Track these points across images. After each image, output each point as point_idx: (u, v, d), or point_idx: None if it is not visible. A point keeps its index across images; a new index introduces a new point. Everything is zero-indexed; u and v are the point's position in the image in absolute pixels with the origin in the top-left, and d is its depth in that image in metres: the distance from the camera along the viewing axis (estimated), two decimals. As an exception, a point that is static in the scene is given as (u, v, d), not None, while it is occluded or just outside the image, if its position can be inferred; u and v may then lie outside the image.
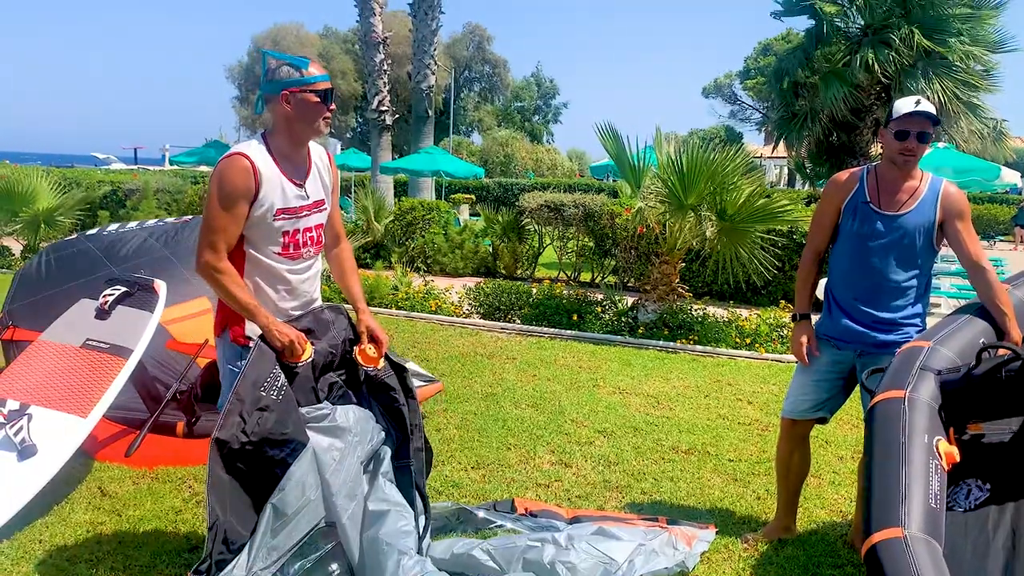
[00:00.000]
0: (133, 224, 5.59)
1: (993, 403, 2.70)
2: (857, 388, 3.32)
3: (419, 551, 2.85)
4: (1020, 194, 26.92)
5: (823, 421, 3.45)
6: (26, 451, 3.49)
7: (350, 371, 3.00)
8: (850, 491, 4.04)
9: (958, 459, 2.52)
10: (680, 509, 3.85)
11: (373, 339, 2.99)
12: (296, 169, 2.82)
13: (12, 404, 3.71)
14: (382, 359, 2.99)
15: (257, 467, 2.58)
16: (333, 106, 2.83)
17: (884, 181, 3.17)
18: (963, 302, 11.57)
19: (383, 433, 2.98)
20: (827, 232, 3.35)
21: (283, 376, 2.68)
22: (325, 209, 2.96)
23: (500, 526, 3.47)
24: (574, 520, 3.54)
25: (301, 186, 2.82)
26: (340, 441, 2.77)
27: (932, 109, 3.04)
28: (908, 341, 3.04)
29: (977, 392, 2.66)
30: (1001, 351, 2.70)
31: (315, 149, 2.93)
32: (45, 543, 3.27)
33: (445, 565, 2.99)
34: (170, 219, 5.86)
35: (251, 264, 2.79)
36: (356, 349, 2.97)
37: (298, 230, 2.83)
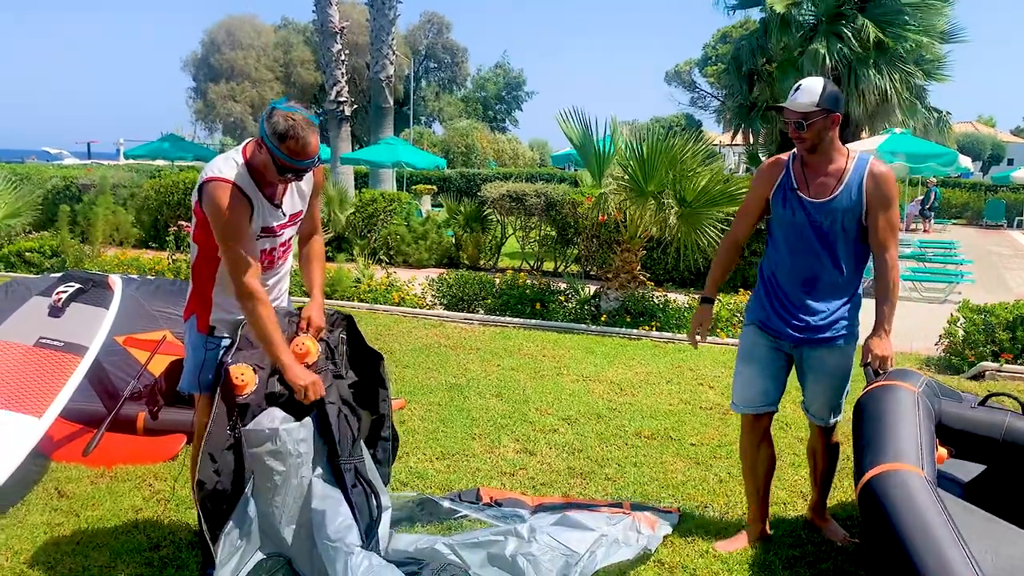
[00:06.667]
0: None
1: (964, 441, 2.92)
2: (793, 376, 3.33)
3: (375, 541, 2.87)
4: (970, 177, 27.50)
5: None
6: (-21, 453, 3.41)
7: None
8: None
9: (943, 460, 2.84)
10: (644, 493, 3.89)
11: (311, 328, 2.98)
12: (273, 187, 2.83)
13: (-37, 405, 3.62)
14: (314, 353, 2.94)
15: (218, 503, 2.70)
16: (294, 179, 2.79)
17: (808, 166, 3.12)
18: (918, 284, 11.73)
19: (326, 445, 2.94)
20: (751, 219, 3.33)
21: (236, 415, 2.77)
22: (299, 221, 3.01)
23: (465, 516, 3.48)
24: (539, 508, 3.56)
25: (278, 206, 2.86)
26: (282, 464, 2.80)
27: (806, 97, 2.98)
28: (839, 335, 3.12)
29: (962, 424, 3.00)
30: (1005, 401, 2.97)
31: None
32: (1, 546, 3.20)
33: (407, 558, 3.00)
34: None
35: (224, 272, 2.83)
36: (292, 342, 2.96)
37: (274, 247, 2.92)
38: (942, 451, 2.84)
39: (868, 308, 3.15)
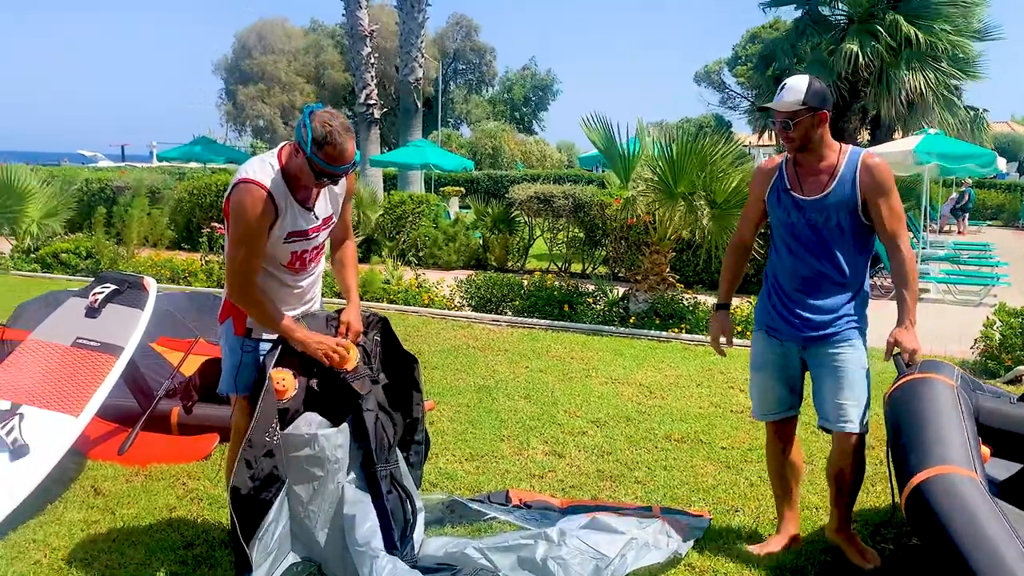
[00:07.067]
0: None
1: (1004, 439, 2.83)
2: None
3: (410, 545, 2.89)
4: (1005, 179, 26.94)
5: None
6: (18, 451, 3.48)
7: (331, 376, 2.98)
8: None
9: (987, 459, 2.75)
10: (674, 497, 3.87)
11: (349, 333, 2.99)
12: (307, 191, 2.84)
13: (3, 404, 3.69)
14: (354, 359, 2.94)
15: (252, 508, 2.70)
16: (329, 183, 2.80)
17: (800, 165, 3.10)
18: (953, 287, 11.51)
19: (360, 449, 2.96)
20: (752, 222, 3.32)
21: (278, 418, 2.78)
22: (332, 224, 3.01)
23: (494, 518, 3.48)
24: (568, 510, 3.55)
25: (311, 209, 2.87)
26: (319, 470, 2.82)
27: (791, 96, 2.96)
28: (848, 329, 3.03)
29: (1002, 422, 2.90)
30: None
31: None
32: (39, 543, 3.27)
33: (437, 562, 3.01)
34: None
35: (260, 273, 2.85)
36: None
37: (306, 250, 2.92)
38: (984, 450, 2.74)
39: (877, 313, 3.10)
